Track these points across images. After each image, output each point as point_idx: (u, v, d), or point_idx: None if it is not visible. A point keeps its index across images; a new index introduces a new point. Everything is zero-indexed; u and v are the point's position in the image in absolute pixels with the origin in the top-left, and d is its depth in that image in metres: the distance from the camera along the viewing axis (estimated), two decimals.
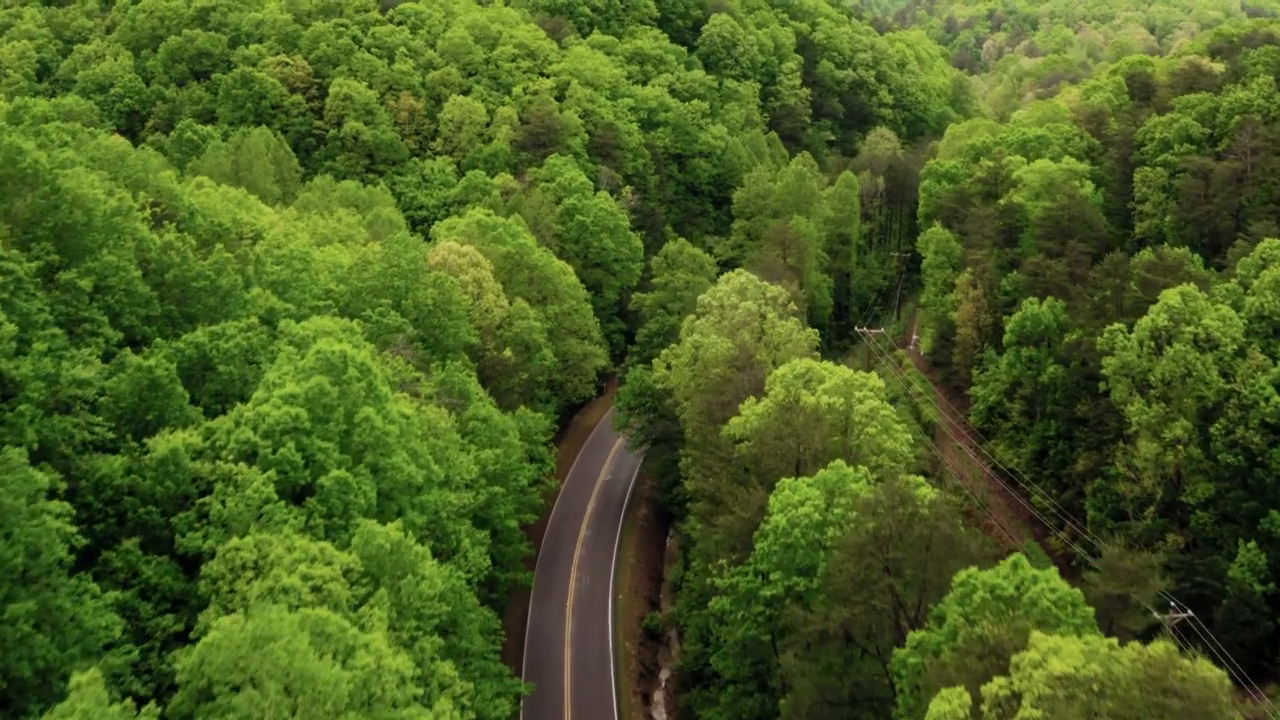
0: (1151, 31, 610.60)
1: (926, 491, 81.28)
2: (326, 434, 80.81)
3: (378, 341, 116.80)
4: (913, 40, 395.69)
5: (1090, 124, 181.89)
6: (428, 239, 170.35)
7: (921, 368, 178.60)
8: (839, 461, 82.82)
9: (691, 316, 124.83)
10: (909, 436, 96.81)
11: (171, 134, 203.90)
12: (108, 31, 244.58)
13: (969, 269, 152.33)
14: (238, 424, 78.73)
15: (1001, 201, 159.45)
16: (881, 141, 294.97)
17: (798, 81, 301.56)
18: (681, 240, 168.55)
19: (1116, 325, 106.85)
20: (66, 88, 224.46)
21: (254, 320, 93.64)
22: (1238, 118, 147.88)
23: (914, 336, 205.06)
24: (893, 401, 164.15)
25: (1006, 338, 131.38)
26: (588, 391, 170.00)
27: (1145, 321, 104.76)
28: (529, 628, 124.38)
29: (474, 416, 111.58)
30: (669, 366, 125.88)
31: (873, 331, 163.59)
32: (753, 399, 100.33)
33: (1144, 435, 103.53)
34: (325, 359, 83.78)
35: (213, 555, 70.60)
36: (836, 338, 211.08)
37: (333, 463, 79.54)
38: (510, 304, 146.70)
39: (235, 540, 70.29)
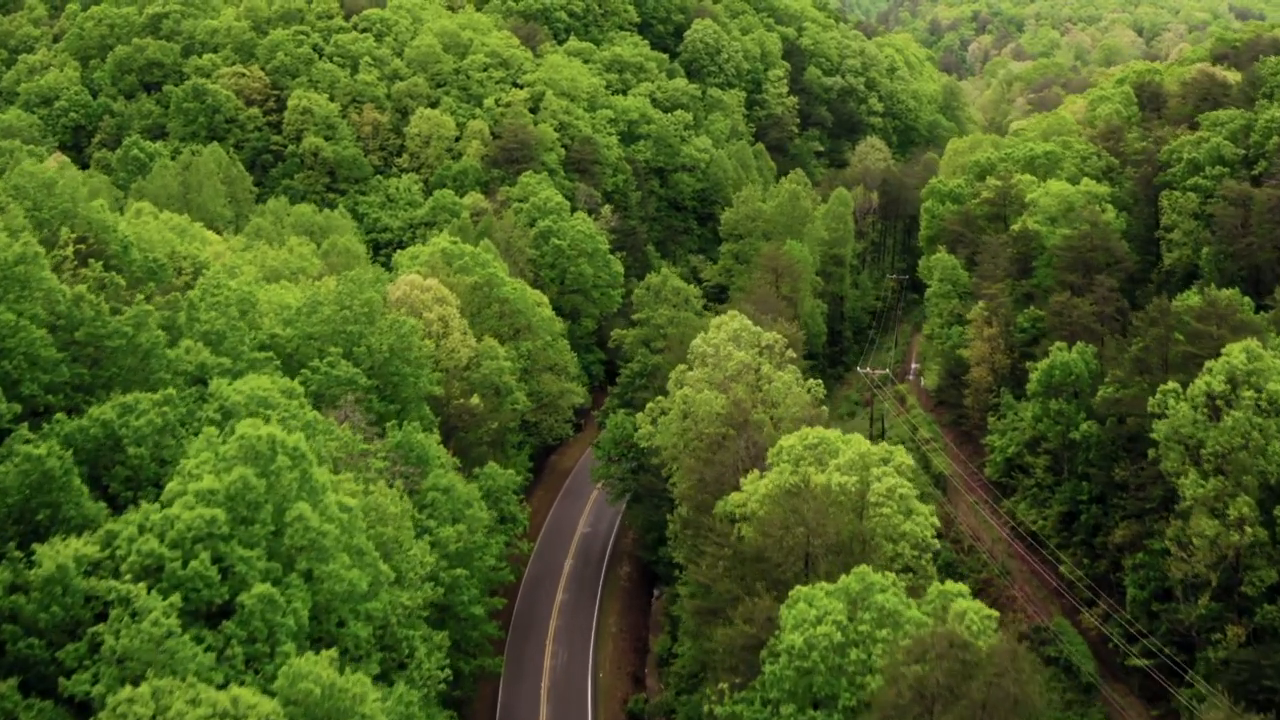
0: (1139, 33, 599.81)
1: (967, 605, 68.24)
2: (250, 538, 67.55)
3: (326, 396, 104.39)
4: (901, 45, 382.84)
5: (1107, 140, 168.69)
6: (389, 268, 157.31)
7: (926, 405, 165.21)
8: (864, 568, 69.69)
9: (682, 366, 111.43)
10: (934, 520, 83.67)
11: (117, 151, 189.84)
12: (55, 40, 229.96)
13: (981, 303, 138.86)
14: (142, 529, 65.64)
15: (1015, 227, 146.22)
16: (872, 152, 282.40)
17: (785, 89, 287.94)
18: (665, 271, 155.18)
19: (1170, 385, 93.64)
20: (10, 100, 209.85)
21: (172, 392, 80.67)
22: (1276, 138, 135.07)
23: (913, 365, 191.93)
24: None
25: (1031, 387, 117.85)
26: (564, 431, 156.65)
27: (1200, 384, 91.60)
28: (499, 718, 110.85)
29: (433, 487, 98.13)
30: (655, 421, 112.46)
31: (876, 371, 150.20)
32: (755, 473, 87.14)
33: (1200, 511, 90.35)
34: (250, 446, 70.37)
35: (103, 704, 57.65)
36: (830, 365, 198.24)
37: (256, 574, 66.33)
38: (479, 341, 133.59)
39: (128, 690, 56.96)
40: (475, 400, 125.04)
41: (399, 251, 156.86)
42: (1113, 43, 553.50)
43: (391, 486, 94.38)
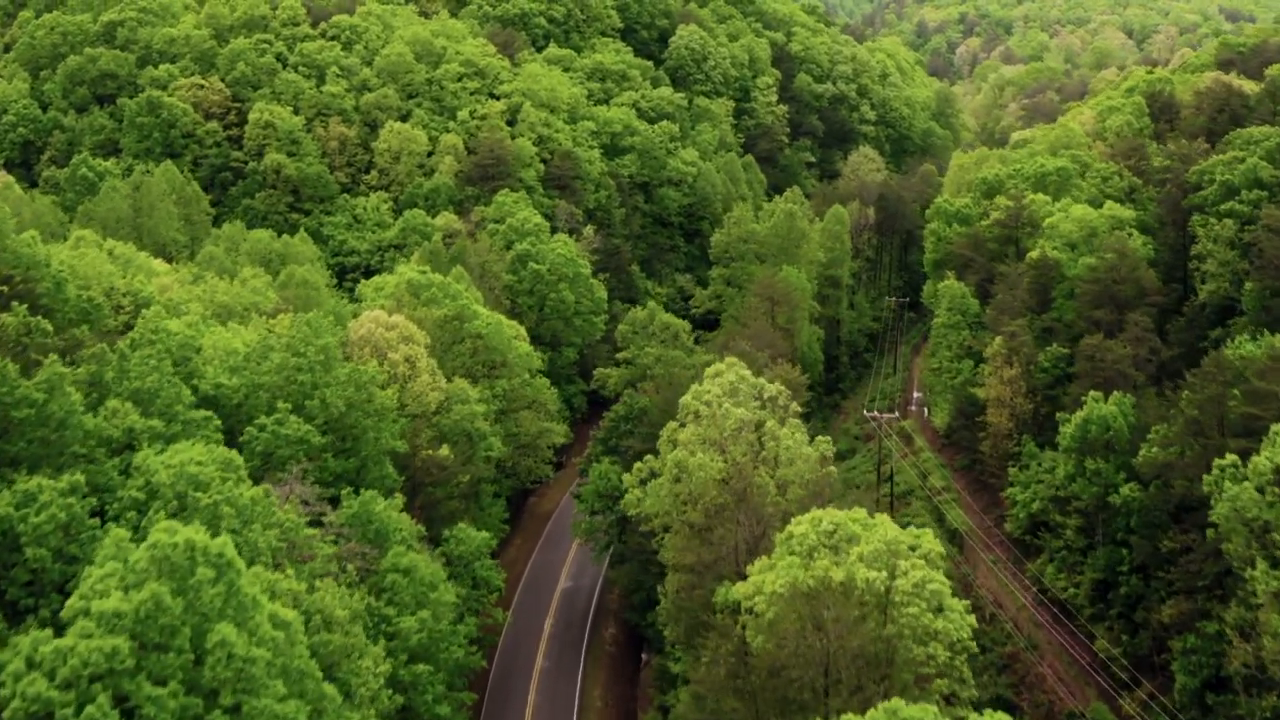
0: (1129, 35, 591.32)
1: None
2: (162, 671, 55.96)
3: (275, 458, 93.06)
4: (891, 49, 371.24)
5: (1128, 158, 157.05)
6: (354, 296, 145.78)
7: (933, 443, 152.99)
8: (896, 701, 57.82)
9: (673, 424, 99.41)
10: (972, 619, 71.94)
11: (66, 169, 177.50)
12: (6, 50, 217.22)
13: (999, 339, 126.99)
14: (31, 665, 54.20)
15: (1033, 254, 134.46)
16: (865, 162, 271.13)
17: (774, 98, 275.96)
18: (652, 305, 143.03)
19: (1228, 459, 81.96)
20: None
21: (79, 479, 69.12)
22: None
23: (915, 394, 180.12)
24: (906, 495, 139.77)
25: (1064, 442, 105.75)
26: (544, 473, 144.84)
27: (1262, 459, 79.84)
28: None
29: (393, 568, 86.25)
30: (643, 483, 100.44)
31: (885, 416, 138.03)
32: (763, 561, 75.24)
33: (1272, 607, 78.67)
34: (164, 557, 58.69)
35: None
36: (826, 393, 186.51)
37: (168, 717, 54.74)
38: (449, 382, 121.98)
39: None
40: (445, 451, 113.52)
41: (364, 282, 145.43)
42: (1103, 45, 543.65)
43: (344, 572, 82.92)
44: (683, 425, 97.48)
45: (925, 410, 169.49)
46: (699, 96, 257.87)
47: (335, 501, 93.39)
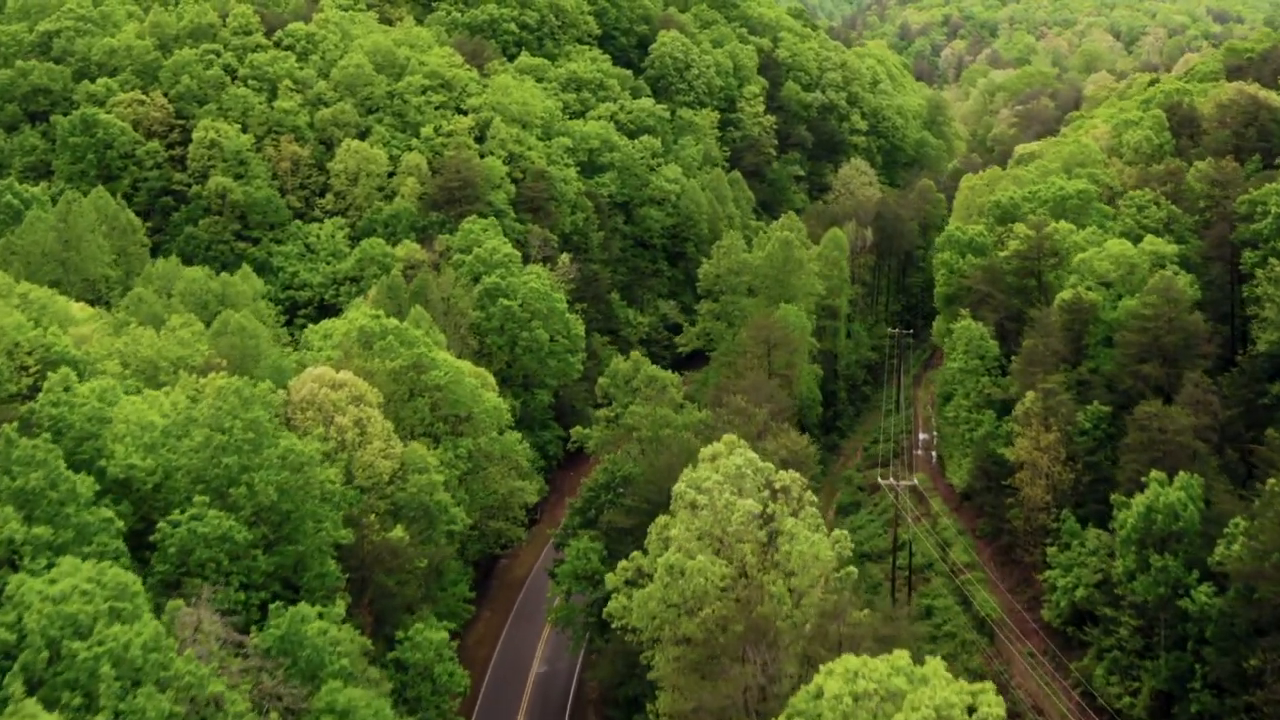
0: (1117, 37, 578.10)
1: None
2: None
3: (191, 561, 78.54)
4: (880, 55, 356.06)
5: (1162, 183, 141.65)
6: (301, 343, 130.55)
7: (950, 502, 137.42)
8: None
9: (664, 518, 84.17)
10: None
11: None
12: None
13: (1031, 394, 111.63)
14: None
15: (1065, 295, 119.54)
16: (857, 175, 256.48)
17: (761, 108, 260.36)
18: (635, 355, 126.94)
19: None
20: None
21: None
22: None
23: (922, 435, 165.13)
24: (924, 570, 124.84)
25: (1123, 531, 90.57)
26: (516, 535, 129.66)
27: None
28: None
29: (327, 709, 70.78)
30: (630, 583, 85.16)
31: (902, 483, 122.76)
32: None
33: None
34: None
35: None
36: (824, 432, 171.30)
37: None
38: (405, 445, 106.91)
39: None
40: (399, 533, 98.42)
41: (310, 328, 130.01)
42: (1092, 48, 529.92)
43: (264, 716, 67.83)
44: (674, 514, 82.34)
45: (934, 455, 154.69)
46: (681, 107, 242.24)
47: (264, 609, 78.46)
